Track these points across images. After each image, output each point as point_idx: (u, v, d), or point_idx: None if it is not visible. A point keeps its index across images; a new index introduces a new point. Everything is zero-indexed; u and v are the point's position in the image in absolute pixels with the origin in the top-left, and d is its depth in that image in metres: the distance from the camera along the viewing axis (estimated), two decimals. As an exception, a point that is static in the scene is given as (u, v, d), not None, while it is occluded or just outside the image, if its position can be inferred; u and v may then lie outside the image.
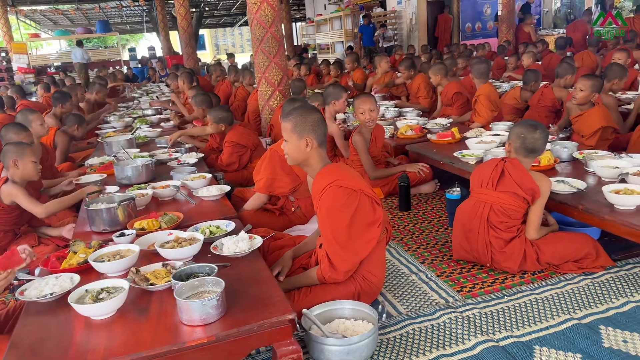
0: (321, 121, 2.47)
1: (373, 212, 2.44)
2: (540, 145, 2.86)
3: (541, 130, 2.85)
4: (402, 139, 4.91)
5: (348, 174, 2.43)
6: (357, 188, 2.38)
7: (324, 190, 2.38)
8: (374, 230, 2.44)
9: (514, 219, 2.84)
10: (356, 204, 2.36)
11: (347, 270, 2.42)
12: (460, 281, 2.83)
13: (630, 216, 2.64)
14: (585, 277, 2.74)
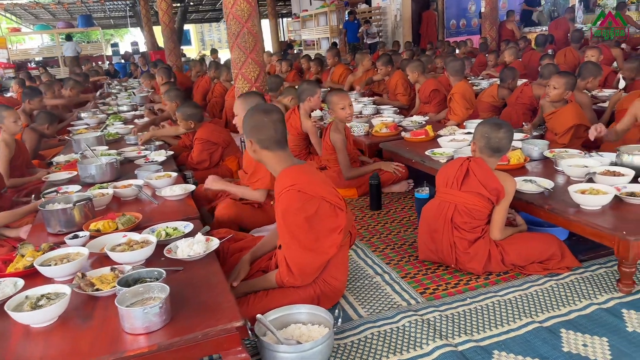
0: (266, 123, 2.34)
1: (334, 218, 2.36)
2: (505, 144, 2.81)
3: (505, 129, 2.80)
4: (377, 137, 4.85)
5: (309, 178, 2.33)
6: (316, 194, 2.30)
7: (281, 193, 2.30)
8: (334, 236, 2.36)
9: (478, 220, 2.79)
10: (314, 210, 2.28)
11: (306, 275, 2.35)
12: (424, 282, 2.77)
13: (595, 216, 2.60)
14: (550, 278, 2.70)
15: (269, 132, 2.35)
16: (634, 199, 2.69)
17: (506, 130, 2.80)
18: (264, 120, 2.35)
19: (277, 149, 2.38)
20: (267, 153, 2.39)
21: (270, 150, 2.38)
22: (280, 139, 2.38)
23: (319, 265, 2.37)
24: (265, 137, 2.35)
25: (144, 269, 2.17)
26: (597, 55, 6.36)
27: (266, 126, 2.35)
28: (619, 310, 2.38)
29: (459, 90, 5.17)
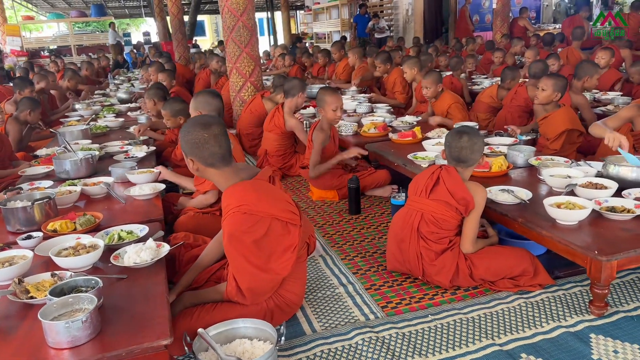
0: (207, 140, 2.17)
1: (287, 237, 2.23)
2: (466, 154, 2.67)
3: (468, 138, 2.65)
4: (365, 137, 4.71)
5: (257, 197, 2.18)
6: (266, 214, 2.15)
7: (227, 214, 2.17)
8: (288, 255, 2.23)
9: (446, 230, 2.65)
10: (263, 231, 2.14)
11: (257, 296, 2.24)
12: (388, 295, 2.65)
13: (568, 233, 2.45)
14: (520, 296, 2.56)
15: (213, 149, 2.17)
16: (614, 215, 2.54)
17: (468, 139, 2.65)
18: (205, 136, 2.17)
19: (222, 166, 2.22)
20: (213, 171, 2.24)
21: (216, 167, 2.22)
22: (225, 154, 2.22)
23: (272, 287, 2.25)
24: (209, 154, 2.18)
25: (82, 277, 2.08)
26: (608, 57, 6.15)
27: (208, 143, 2.17)
28: (587, 335, 2.23)
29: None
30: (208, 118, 2.31)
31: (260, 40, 25.46)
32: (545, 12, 17.44)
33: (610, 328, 2.27)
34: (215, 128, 2.20)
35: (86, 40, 21.29)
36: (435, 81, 4.99)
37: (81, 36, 21.74)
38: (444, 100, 5.05)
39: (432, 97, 5.07)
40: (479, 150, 2.69)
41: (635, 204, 2.61)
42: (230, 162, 2.25)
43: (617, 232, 2.42)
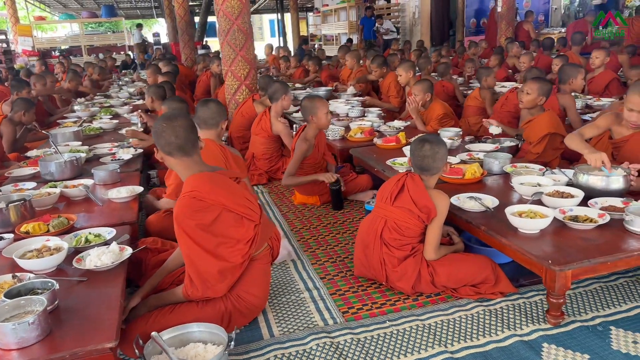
0: (165, 129, 2.32)
1: (240, 229, 2.31)
2: (429, 163, 2.69)
3: (430, 146, 2.67)
4: (351, 142, 4.74)
5: (212, 187, 2.28)
6: (216, 202, 2.25)
7: (178, 199, 2.26)
8: (240, 247, 2.31)
9: (408, 237, 2.68)
10: (210, 219, 2.24)
11: (207, 283, 2.28)
12: (351, 301, 2.68)
13: (527, 242, 2.46)
14: (480, 303, 2.57)
15: (169, 138, 2.32)
16: (576, 224, 2.54)
17: (430, 148, 2.67)
18: (163, 126, 2.33)
19: (180, 155, 2.34)
20: (171, 159, 2.37)
21: (173, 156, 2.35)
22: (183, 145, 2.33)
23: (219, 272, 2.28)
24: (165, 142, 2.33)
25: (40, 279, 2.14)
26: (603, 57, 6.12)
27: (166, 132, 2.32)
28: (539, 344, 2.24)
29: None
30: (176, 112, 2.47)
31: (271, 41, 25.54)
32: (554, 15, 17.30)
33: (564, 338, 2.28)
34: (177, 121, 2.35)
35: (97, 41, 21.52)
36: (425, 89, 4.97)
37: (92, 37, 21.97)
38: (433, 110, 5.05)
39: (421, 106, 5.07)
40: (442, 158, 2.71)
41: (598, 214, 2.61)
42: (191, 154, 2.36)
43: (577, 241, 2.43)
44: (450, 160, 3.75)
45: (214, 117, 3.33)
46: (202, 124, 3.33)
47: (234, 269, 2.33)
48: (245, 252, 2.33)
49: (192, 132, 2.39)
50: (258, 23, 39.59)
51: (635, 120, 3.07)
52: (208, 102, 3.40)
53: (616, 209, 2.69)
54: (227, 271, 2.31)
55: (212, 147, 3.26)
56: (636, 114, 3.05)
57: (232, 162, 3.33)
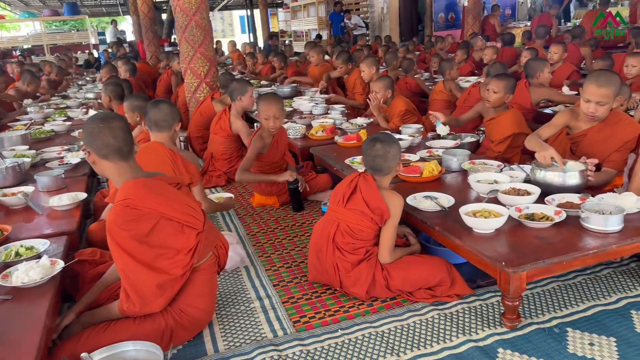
0: (102, 130, 2.16)
1: (180, 238, 2.17)
2: (380, 163, 2.59)
3: (382, 145, 2.57)
4: (312, 141, 4.61)
5: (147, 193, 2.13)
6: (152, 210, 2.11)
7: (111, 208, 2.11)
8: (180, 257, 2.17)
9: (361, 240, 2.57)
10: (146, 228, 2.10)
11: (145, 299, 2.14)
12: (303, 309, 2.56)
13: (481, 242, 2.37)
14: (435, 307, 2.49)
15: (107, 140, 2.16)
16: (532, 222, 2.47)
17: (382, 147, 2.57)
18: (100, 126, 2.17)
19: (116, 159, 2.19)
20: (107, 163, 2.20)
21: (109, 160, 2.19)
22: (121, 148, 2.19)
23: (158, 286, 2.14)
24: (102, 144, 2.16)
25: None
26: (561, 52, 6.12)
27: (102, 133, 2.16)
28: (494, 350, 2.16)
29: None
30: (111, 114, 2.32)
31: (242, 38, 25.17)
32: (521, 9, 17.47)
33: (520, 342, 2.21)
34: (114, 122, 2.20)
35: (59, 40, 20.93)
36: (385, 86, 4.86)
37: (55, 35, 21.36)
38: (395, 107, 4.95)
39: (382, 102, 4.97)
40: (394, 158, 2.61)
41: (555, 211, 2.54)
42: (127, 158, 2.22)
43: (532, 241, 2.35)
44: (409, 158, 3.68)
45: (166, 119, 3.15)
46: (153, 127, 3.17)
47: (174, 282, 2.19)
48: (186, 262, 2.20)
49: (129, 134, 2.25)
50: (228, 19, 39.18)
51: (592, 112, 3.02)
52: (159, 103, 3.22)
53: (573, 205, 2.63)
54: (166, 284, 2.17)
55: (161, 151, 3.11)
56: (593, 104, 3.00)
57: (182, 167, 3.18)
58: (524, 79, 5.04)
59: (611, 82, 2.92)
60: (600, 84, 2.93)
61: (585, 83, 3.04)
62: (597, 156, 3.13)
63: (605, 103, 2.97)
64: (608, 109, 3.01)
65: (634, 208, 2.55)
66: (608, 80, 2.93)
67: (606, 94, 2.93)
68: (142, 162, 3.01)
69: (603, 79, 2.94)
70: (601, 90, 2.93)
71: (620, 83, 3.01)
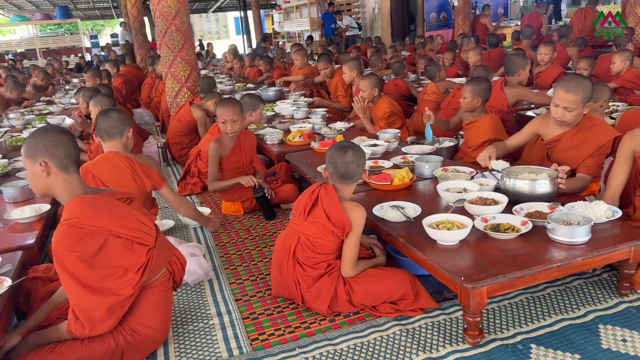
0: (64, 141, 2.10)
1: (130, 255, 2.10)
2: (353, 169, 2.51)
3: (352, 152, 2.50)
4: (290, 146, 4.53)
5: (93, 210, 2.05)
6: (100, 228, 2.03)
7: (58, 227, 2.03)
8: (129, 276, 2.09)
9: (323, 254, 2.49)
10: (94, 248, 2.02)
11: (95, 322, 2.05)
12: (263, 325, 2.48)
13: (443, 255, 2.29)
14: (398, 322, 2.41)
15: (69, 150, 2.10)
16: (497, 234, 2.39)
17: (353, 154, 2.50)
18: (62, 137, 2.11)
19: (73, 172, 2.13)
20: (64, 176, 2.11)
21: (68, 172, 2.11)
22: (76, 160, 2.14)
23: (109, 309, 2.06)
24: (65, 154, 2.09)
25: None
26: (551, 52, 6.05)
27: (65, 143, 2.10)
28: (454, 368, 2.09)
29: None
30: (59, 127, 2.25)
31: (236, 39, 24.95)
32: (513, 8, 17.42)
33: (481, 359, 2.13)
34: (68, 136, 2.14)
35: (52, 44, 20.86)
36: (372, 84, 4.78)
37: (47, 39, 21.29)
38: (379, 108, 4.88)
39: (369, 102, 4.90)
40: (363, 164, 2.56)
41: (522, 221, 2.46)
42: (71, 174, 2.13)
43: (495, 253, 2.27)
44: (383, 164, 3.61)
45: (116, 125, 3.09)
46: (104, 136, 3.10)
47: (123, 302, 2.11)
48: (136, 281, 2.12)
49: (76, 149, 2.17)
50: (223, 21, 39.11)
51: (560, 116, 2.96)
52: (108, 112, 3.17)
53: (542, 215, 2.55)
54: (116, 306, 2.09)
55: (117, 159, 3.04)
56: (561, 109, 2.94)
57: (143, 174, 3.11)
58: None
59: (580, 87, 2.85)
60: (568, 89, 2.87)
61: (555, 88, 2.98)
62: (571, 162, 3.07)
63: (573, 109, 2.90)
64: (577, 114, 2.94)
65: (603, 217, 2.48)
66: (576, 85, 2.86)
67: (574, 99, 2.87)
68: (101, 174, 2.97)
69: (571, 84, 2.88)
70: (568, 96, 2.87)
71: (592, 89, 2.94)
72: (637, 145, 2.71)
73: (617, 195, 2.79)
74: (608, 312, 2.38)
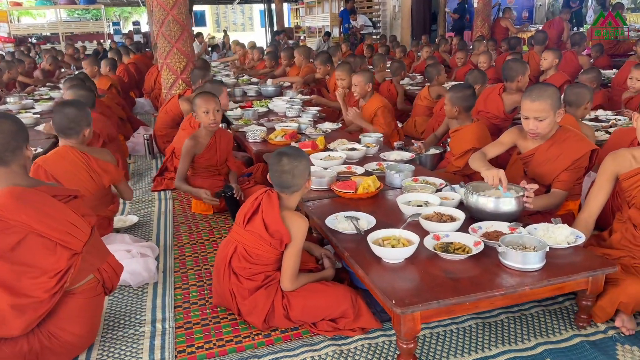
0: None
1: (48, 257, 2.01)
2: (288, 179, 2.36)
3: (288, 160, 2.35)
4: (271, 145, 4.39)
5: (18, 205, 1.96)
6: (22, 223, 1.95)
7: None
8: (44, 281, 1.99)
9: (260, 265, 2.36)
10: (10, 243, 1.96)
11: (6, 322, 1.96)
12: (194, 337, 2.36)
13: (384, 275, 2.13)
14: (334, 342, 2.26)
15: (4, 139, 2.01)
16: (445, 254, 2.22)
17: (288, 162, 2.35)
18: None
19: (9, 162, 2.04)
20: None
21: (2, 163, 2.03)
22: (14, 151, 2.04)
23: (15, 307, 1.96)
24: None
25: None
26: (551, 58, 5.80)
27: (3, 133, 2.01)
28: (379, 397, 1.94)
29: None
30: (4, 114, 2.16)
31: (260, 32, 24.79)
32: (538, 12, 16.99)
33: (411, 390, 1.98)
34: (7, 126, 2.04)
35: (75, 28, 21.08)
36: (366, 80, 4.71)
37: (70, 24, 21.52)
38: (372, 103, 4.74)
39: (360, 97, 4.76)
40: (302, 174, 2.38)
41: (475, 242, 2.29)
42: (7, 164, 2.04)
43: (439, 275, 2.11)
44: (355, 170, 3.46)
45: (72, 126, 2.97)
46: (59, 133, 3.00)
47: (37, 305, 2.01)
48: (50, 286, 2.02)
49: (14, 139, 2.06)
50: (248, 13, 39.04)
51: (533, 128, 2.80)
52: (65, 107, 3.02)
53: (500, 235, 2.37)
54: (26, 307, 1.99)
55: (70, 154, 2.95)
56: (532, 120, 2.78)
57: (99, 169, 3.02)
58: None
59: (545, 95, 2.70)
60: (533, 98, 2.72)
61: (521, 100, 2.81)
62: (547, 177, 2.91)
63: (543, 117, 2.74)
64: (549, 123, 2.78)
65: (564, 243, 2.30)
66: (540, 93, 2.71)
67: (542, 107, 2.71)
68: (54, 170, 2.88)
69: (535, 93, 2.73)
70: (535, 105, 2.71)
71: (558, 94, 2.77)
72: (620, 168, 2.52)
73: (592, 217, 2.60)
74: (560, 345, 2.20)
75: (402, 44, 11.19)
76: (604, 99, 5.17)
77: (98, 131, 4.38)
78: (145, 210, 3.92)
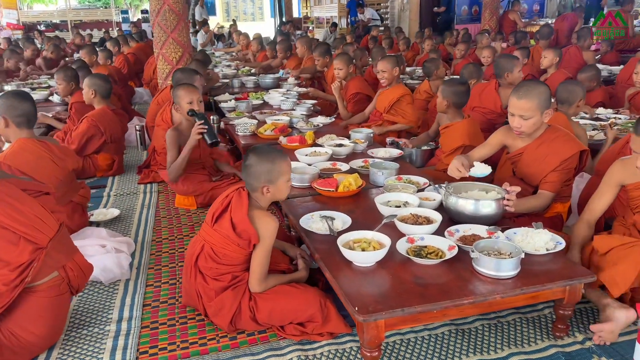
0: None
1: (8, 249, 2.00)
2: (244, 176, 2.30)
3: (253, 160, 2.27)
4: (260, 139, 4.32)
5: None
6: None
7: None
8: (3, 273, 1.97)
9: (227, 265, 2.29)
10: None
11: None
12: (158, 338, 2.30)
13: (352, 279, 2.06)
14: (300, 347, 2.19)
15: None
16: (417, 259, 2.13)
17: (249, 159, 2.27)
18: None
19: None
20: None
21: None
22: None
23: None
24: None
25: None
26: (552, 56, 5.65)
27: None
28: (340, 407, 1.87)
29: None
30: None
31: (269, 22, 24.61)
32: (550, 5, 16.68)
33: (373, 400, 1.90)
34: None
35: (84, 16, 21.08)
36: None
37: (79, 12, 21.52)
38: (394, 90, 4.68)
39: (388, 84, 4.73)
40: (258, 176, 2.26)
41: (449, 246, 2.20)
42: None
43: (408, 280, 2.03)
44: (340, 167, 3.37)
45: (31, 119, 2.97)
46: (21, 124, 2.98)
47: None
48: (10, 279, 1.98)
49: None
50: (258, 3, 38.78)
51: (517, 126, 2.72)
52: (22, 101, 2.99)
53: (477, 239, 2.28)
54: None
55: (30, 145, 2.94)
56: (517, 118, 2.70)
57: (61, 154, 3.02)
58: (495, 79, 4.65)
59: (532, 94, 2.61)
60: (519, 95, 2.64)
61: (509, 96, 2.71)
62: (535, 177, 2.83)
63: (528, 117, 2.66)
64: (535, 123, 2.69)
65: (543, 249, 2.20)
66: (528, 92, 2.62)
67: (528, 106, 2.62)
68: (17, 164, 2.84)
69: (522, 91, 2.65)
70: (521, 103, 2.63)
71: (548, 94, 2.68)
72: (627, 177, 2.45)
73: (594, 219, 2.58)
74: (533, 356, 2.11)
75: (407, 37, 11.01)
76: (605, 96, 5.02)
77: (102, 128, 4.35)
78: (129, 203, 3.87)
